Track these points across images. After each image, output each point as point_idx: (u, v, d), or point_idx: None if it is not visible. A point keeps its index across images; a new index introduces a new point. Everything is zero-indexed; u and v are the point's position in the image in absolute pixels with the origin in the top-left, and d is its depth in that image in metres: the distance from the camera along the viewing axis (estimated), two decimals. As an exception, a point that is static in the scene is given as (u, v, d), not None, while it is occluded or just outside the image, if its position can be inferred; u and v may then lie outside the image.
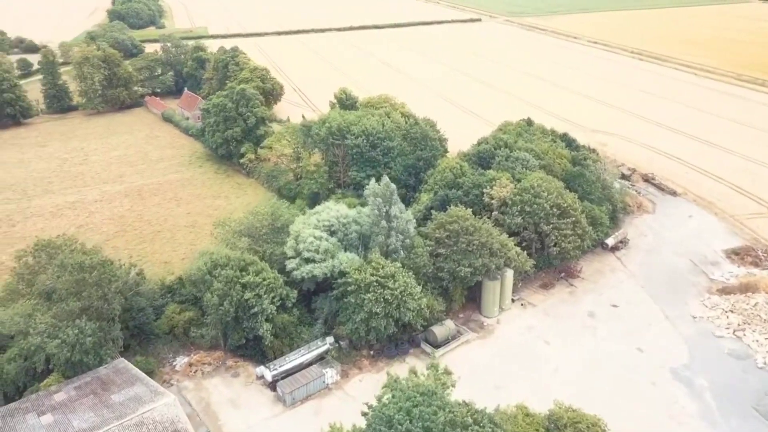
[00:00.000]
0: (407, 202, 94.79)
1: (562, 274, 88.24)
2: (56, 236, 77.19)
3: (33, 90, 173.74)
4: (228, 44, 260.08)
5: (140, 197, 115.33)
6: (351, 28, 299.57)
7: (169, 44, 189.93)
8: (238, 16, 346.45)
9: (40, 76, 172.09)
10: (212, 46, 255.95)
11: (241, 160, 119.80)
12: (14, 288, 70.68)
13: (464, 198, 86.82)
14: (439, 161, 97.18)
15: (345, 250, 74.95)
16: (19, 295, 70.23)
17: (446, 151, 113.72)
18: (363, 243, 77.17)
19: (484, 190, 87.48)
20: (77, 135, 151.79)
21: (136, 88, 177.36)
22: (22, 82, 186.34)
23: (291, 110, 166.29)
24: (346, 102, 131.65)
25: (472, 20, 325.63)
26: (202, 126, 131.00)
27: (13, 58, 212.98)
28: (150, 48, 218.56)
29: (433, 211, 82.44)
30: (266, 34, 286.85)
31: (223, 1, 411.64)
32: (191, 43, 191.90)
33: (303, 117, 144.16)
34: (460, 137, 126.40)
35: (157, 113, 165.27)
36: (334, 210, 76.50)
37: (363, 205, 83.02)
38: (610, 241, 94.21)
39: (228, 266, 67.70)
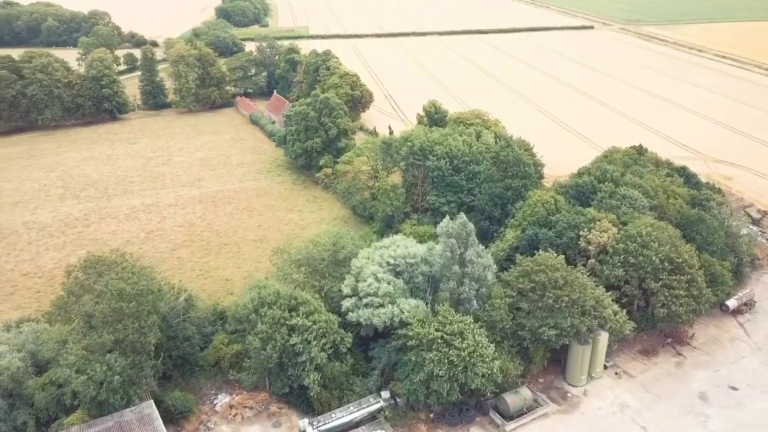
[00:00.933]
0: (490, 236, 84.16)
1: (669, 340, 74.27)
2: (110, 251, 73.41)
3: (134, 85, 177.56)
4: (326, 45, 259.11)
5: (213, 205, 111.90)
6: (453, 32, 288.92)
7: (264, 44, 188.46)
8: (341, 16, 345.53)
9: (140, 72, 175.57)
10: (311, 46, 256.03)
11: (317, 175, 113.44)
12: (63, 304, 67.33)
13: (556, 240, 74.92)
14: (530, 192, 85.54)
15: (410, 294, 65.79)
16: (67, 312, 66.79)
17: (541, 177, 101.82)
18: (432, 286, 67.66)
19: (581, 233, 75.08)
20: (166, 133, 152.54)
21: (228, 87, 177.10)
22: (126, 77, 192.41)
23: (379, 119, 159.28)
24: (434, 116, 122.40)
25: (584, 27, 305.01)
26: (283, 133, 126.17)
27: (123, 52, 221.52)
28: (250, 46, 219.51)
29: (518, 255, 71.26)
30: (365, 36, 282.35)
31: (328, 0, 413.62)
32: (286, 43, 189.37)
33: (389, 129, 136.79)
34: (560, 161, 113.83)
35: (245, 115, 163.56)
36: (401, 247, 67.42)
37: (437, 239, 73.41)
38: (732, 303, 78.69)
39: (276, 305, 60.49)
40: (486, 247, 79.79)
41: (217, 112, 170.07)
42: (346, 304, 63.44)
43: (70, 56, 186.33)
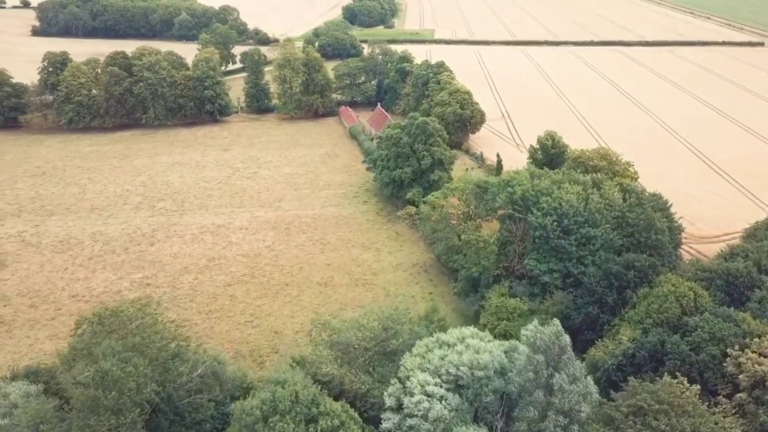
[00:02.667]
0: (598, 328, 64.71)
1: None
2: (133, 300, 63.60)
3: (239, 87, 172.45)
4: (449, 51, 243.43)
5: (286, 232, 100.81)
6: (590, 43, 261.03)
7: (376, 50, 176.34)
8: (471, 19, 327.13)
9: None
10: (432, 51, 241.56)
11: (398, 213, 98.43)
12: (69, 361, 58.08)
13: (691, 356, 54.33)
14: (661, 277, 64.85)
15: (474, 418, 49.04)
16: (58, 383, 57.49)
17: (677, 245, 79.94)
18: (505, 406, 50.35)
19: (729, 350, 53.90)
20: (261, 141, 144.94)
21: (334, 95, 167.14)
22: (239, 76, 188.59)
23: (491, 141, 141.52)
24: (550, 150, 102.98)
25: (750, 44, 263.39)
26: (374, 156, 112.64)
27: (245, 49, 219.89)
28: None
29: (631, 379, 51.76)
30: (492, 43, 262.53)
31: (466, 2, 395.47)
32: (400, 50, 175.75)
33: (498, 157, 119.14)
34: (709, 217, 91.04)
35: (346, 127, 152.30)
36: (470, 350, 50.59)
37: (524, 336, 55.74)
38: None
39: (290, 414, 46.47)
40: (590, 348, 61.09)
41: (318, 121, 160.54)
42: (386, 424, 48.02)
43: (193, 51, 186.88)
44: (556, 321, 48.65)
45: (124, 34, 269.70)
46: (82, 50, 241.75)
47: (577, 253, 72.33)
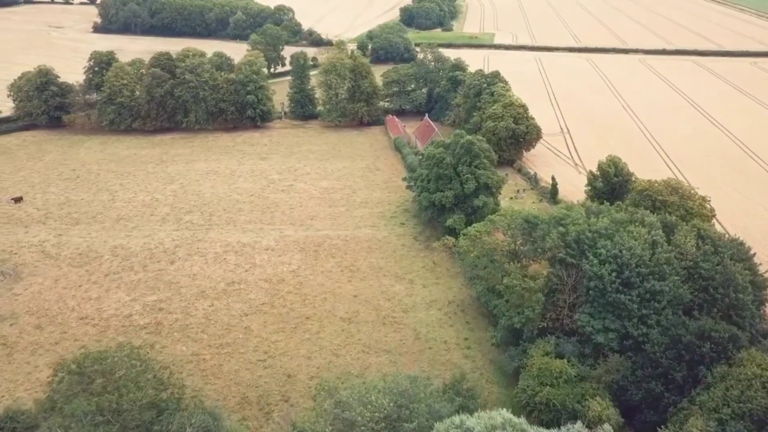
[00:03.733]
0: (661, 410, 53.81)
1: None
2: (118, 344, 57.03)
3: (286, 91, 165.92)
4: (507, 57, 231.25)
5: (315, 255, 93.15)
6: (663, 52, 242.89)
7: (428, 56, 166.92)
8: (534, 23, 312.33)
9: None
10: (490, 56, 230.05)
11: (435, 245, 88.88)
12: (47, 410, 51.95)
13: (781, 467, 43.14)
14: (743, 353, 53.34)
15: None
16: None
17: (764, 302, 67.73)
18: None
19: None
20: (301, 151, 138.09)
21: (381, 103, 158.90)
22: (281, 80, 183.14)
23: (547, 160, 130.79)
24: (612, 179, 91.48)
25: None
26: (415, 175, 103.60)
27: (295, 50, 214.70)
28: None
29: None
30: (555, 49, 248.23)
31: (530, 5, 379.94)
32: (456, 54, 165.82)
33: (552, 180, 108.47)
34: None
35: (391, 138, 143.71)
36: (499, 445, 41.16)
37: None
38: None
39: None
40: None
41: (362, 130, 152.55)
42: None
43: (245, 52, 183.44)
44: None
45: (180, 32, 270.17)
46: (137, 48, 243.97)
47: (640, 311, 61.32)
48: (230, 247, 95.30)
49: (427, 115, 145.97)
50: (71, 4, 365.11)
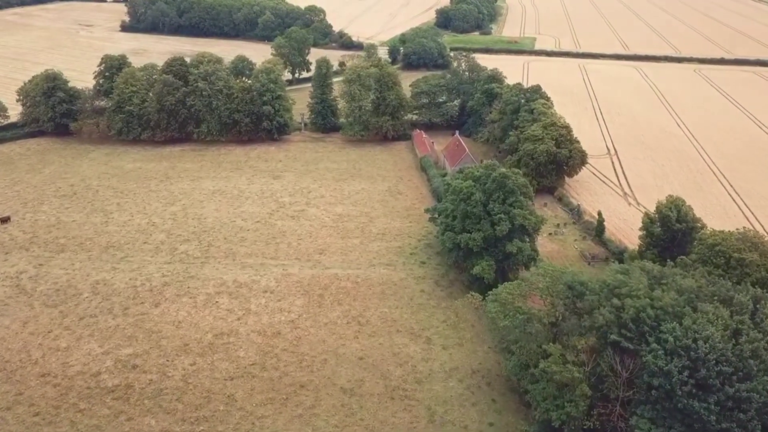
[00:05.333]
0: None
1: None
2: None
3: (307, 99, 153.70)
4: (550, 65, 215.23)
5: (318, 302, 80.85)
6: (721, 61, 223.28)
7: (462, 65, 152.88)
8: (579, 28, 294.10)
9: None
10: (530, 63, 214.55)
11: (458, 302, 75.41)
12: None
13: None
14: None
15: None
16: None
17: None
18: None
19: None
20: (318, 168, 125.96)
21: (409, 115, 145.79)
22: (305, 87, 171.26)
23: (592, 188, 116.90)
24: (673, 227, 76.44)
25: None
26: (439, 207, 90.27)
27: (324, 53, 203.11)
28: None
29: None
30: (601, 56, 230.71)
31: (575, 7, 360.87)
32: (494, 61, 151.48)
33: (599, 216, 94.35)
34: None
35: (418, 156, 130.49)
36: None
37: None
38: None
39: None
40: None
41: (387, 145, 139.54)
42: None
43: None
44: None
45: (208, 32, 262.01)
46: (162, 48, 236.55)
47: (719, 423, 47.05)
48: (225, 288, 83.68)
49: (458, 132, 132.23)
50: (105, 1, 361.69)
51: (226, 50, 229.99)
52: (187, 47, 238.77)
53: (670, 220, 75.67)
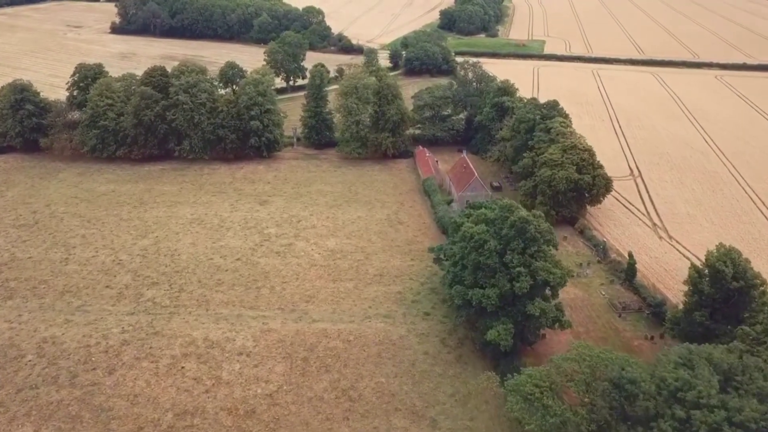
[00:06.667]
0: None
1: None
2: None
3: (300, 110, 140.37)
4: (562, 70, 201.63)
5: (303, 369, 68.31)
6: (743, 67, 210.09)
7: (468, 73, 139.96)
8: (589, 30, 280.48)
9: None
10: (538, 67, 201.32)
11: (470, 388, 62.78)
12: None
13: None
14: None
15: None
16: None
17: None
18: None
19: None
20: (310, 192, 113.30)
21: (411, 130, 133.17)
22: (300, 95, 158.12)
23: (616, 217, 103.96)
24: (729, 284, 63.55)
25: None
26: (445, 249, 77.59)
27: (322, 57, 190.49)
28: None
29: None
30: (615, 61, 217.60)
31: (585, 8, 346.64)
32: (500, 68, 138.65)
33: (630, 258, 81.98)
34: None
35: (420, 177, 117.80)
36: None
37: None
38: None
39: None
40: None
41: (387, 164, 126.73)
42: None
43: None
44: None
45: (201, 34, 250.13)
46: (152, 52, 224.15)
47: None
48: (193, 348, 71.19)
49: (465, 151, 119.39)
50: (97, 1, 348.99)
51: (219, 53, 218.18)
52: (179, 50, 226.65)
53: (725, 276, 62.81)
